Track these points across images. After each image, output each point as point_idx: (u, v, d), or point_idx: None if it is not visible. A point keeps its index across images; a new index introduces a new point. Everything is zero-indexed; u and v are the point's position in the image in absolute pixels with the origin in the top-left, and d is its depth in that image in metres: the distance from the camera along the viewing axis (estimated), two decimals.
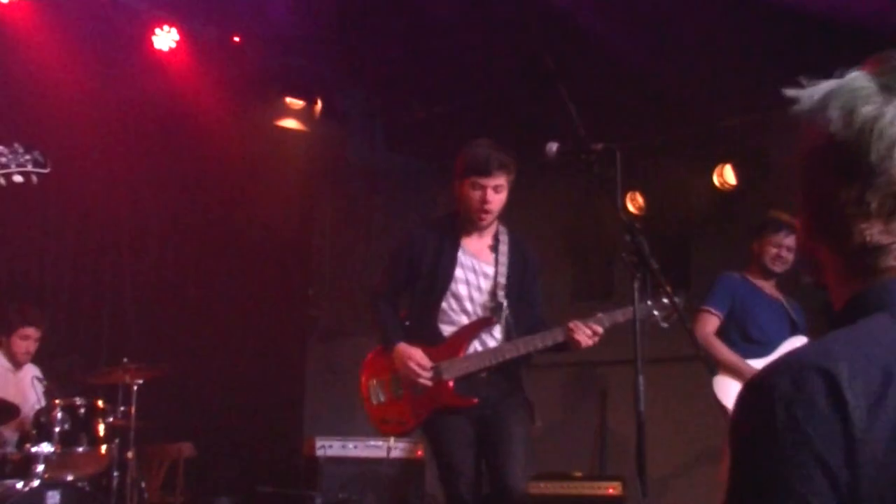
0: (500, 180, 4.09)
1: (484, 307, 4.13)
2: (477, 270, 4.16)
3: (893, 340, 1.06)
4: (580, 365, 7.54)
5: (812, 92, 1.19)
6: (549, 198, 7.69)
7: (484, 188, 4.08)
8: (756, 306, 5.18)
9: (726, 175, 7.04)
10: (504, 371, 4.11)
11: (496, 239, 4.23)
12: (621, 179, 3.47)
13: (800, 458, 1.00)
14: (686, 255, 7.57)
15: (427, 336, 4.15)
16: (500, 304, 4.10)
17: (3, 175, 3.90)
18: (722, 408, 4.92)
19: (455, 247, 4.17)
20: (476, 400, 4.04)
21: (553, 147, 3.64)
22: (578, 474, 6.58)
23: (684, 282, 7.09)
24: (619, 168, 3.45)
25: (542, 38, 6.42)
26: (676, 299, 3.66)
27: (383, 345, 4.28)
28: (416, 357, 4.09)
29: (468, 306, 4.13)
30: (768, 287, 5.30)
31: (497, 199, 4.12)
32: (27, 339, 5.76)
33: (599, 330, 3.97)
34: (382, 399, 4.29)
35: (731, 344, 5.14)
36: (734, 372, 4.97)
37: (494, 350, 4.09)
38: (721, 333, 5.20)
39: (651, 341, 3.39)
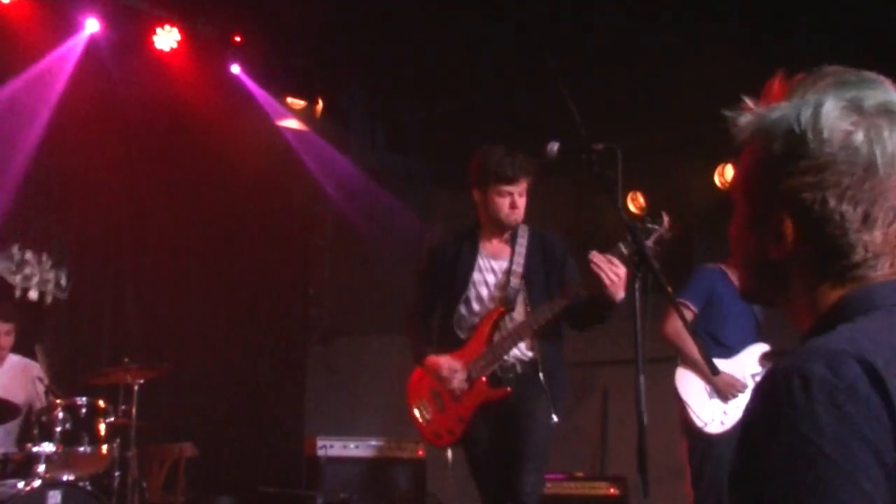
0: (525, 184, 4.18)
1: (499, 301, 4.18)
2: (495, 269, 4.23)
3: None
4: (582, 365, 7.54)
5: (767, 113, 1.21)
6: (549, 197, 7.67)
7: (511, 195, 4.16)
8: (730, 307, 5.12)
9: (728, 175, 7.04)
10: (529, 372, 4.13)
11: (514, 234, 4.27)
12: (622, 179, 3.47)
13: (846, 439, 1.00)
14: (687, 254, 7.56)
15: (451, 342, 4.23)
16: (515, 290, 4.15)
17: (22, 289, 3.83)
18: (680, 399, 4.96)
19: (474, 253, 4.25)
20: (510, 389, 4.09)
21: (554, 147, 3.63)
22: (580, 474, 6.59)
23: (686, 282, 7.09)
24: (620, 168, 3.45)
25: (544, 37, 6.42)
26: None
27: (416, 363, 4.37)
28: (443, 364, 4.16)
29: (487, 306, 4.19)
30: None
31: (523, 202, 4.21)
32: None
33: (616, 261, 3.80)
34: (429, 417, 4.31)
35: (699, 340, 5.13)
36: (697, 370, 4.97)
37: (512, 331, 4.11)
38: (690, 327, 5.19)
39: (652, 341, 3.39)
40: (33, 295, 3.82)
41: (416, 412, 4.35)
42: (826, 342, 1.08)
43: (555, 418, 4.11)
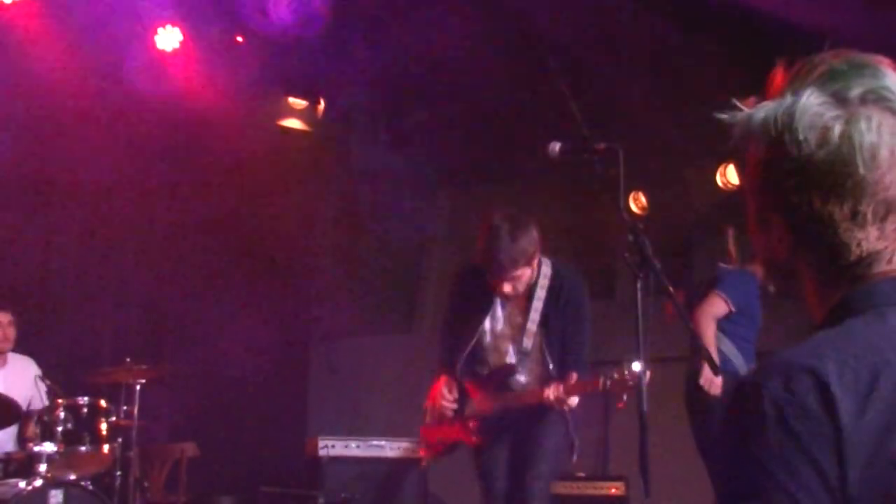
0: (518, 273, 4.04)
1: (510, 355, 4.20)
2: (510, 321, 4.21)
3: (881, 339, 1.07)
4: None
5: (753, 114, 1.19)
6: (551, 197, 7.68)
7: (500, 283, 4.06)
8: (758, 314, 5.20)
9: (729, 175, 7.03)
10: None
11: (535, 281, 4.16)
12: (624, 179, 3.46)
13: (790, 457, 1.01)
14: (689, 255, 7.56)
15: (467, 374, 4.31)
16: (525, 351, 4.15)
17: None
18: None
19: (491, 299, 4.19)
20: (477, 441, 4.20)
21: (556, 147, 3.63)
22: (581, 474, 6.58)
23: (687, 282, 7.09)
24: (621, 168, 3.45)
25: (545, 37, 6.42)
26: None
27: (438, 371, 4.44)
28: (442, 386, 4.26)
29: (492, 358, 4.23)
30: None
31: (519, 285, 4.08)
32: None
33: (567, 398, 3.96)
34: (430, 422, 4.42)
35: (737, 338, 5.15)
36: (707, 361, 4.97)
37: (507, 396, 4.19)
38: (726, 325, 5.22)
39: (655, 341, 3.39)
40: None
41: (427, 412, 4.43)
42: (790, 354, 1.08)
43: (576, 451, 4.21)
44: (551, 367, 4.10)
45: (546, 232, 4.23)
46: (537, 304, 4.13)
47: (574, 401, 3.97)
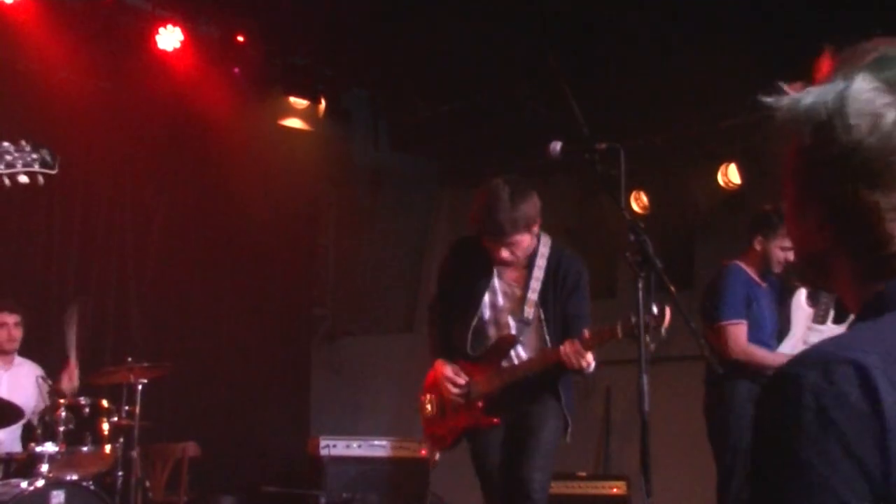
0: (517, 237, 3.96)
1: (511, 328, 4.12)
2: (508, 294, 4.13)
3: None
4: None
5: (801, 98, 1.16)
6: (552, 197, 7.67)
7: (499, 248, 3.98)
8: (760, 307, 5.08)
9: (730, 174, 7.02)
10: (540, 381, 4.09)
11: (533, 255, 4.11)
12: (625, 178, 3.46)
13: (830, 449, 0.99)
14: (690, 254, 7.56)
15: (465, 353, 4.20)
16: (527, 321, 4.07)
17: (9, 175, 3.79)
18: None
19: (489, 276, 4.12)
20: (497, 420, 4.08)
21: (557, 146, 3.63)
22: (583, 474, 6.58)
23: (688, 281, 7.09)
24: (622, 167, 3.44)
25: (546, 37, 6.41)
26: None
27: (431, 355, 4.30)
28: (448, 373, 4.12)
29: (500, 329, 4.13)
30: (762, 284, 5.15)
31: (518, 251, 4.00)
32: (4, 325, 5.75)
33: (585, 353, 3.84)
34: (432, 415, 4.30)
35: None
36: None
37: (510, 368, 4.10)
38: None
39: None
40: (22, 179, 3.75)
41: (424, 405, 4.32)
42: (829, 345, 1.06)
43: (568, 440, 4.16)
44: (549, 341, 4.04)
45: (548, 231, 4.22)
46: (538, 274, 4.06)
47: (590, 358, 3.83)
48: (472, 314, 4.12)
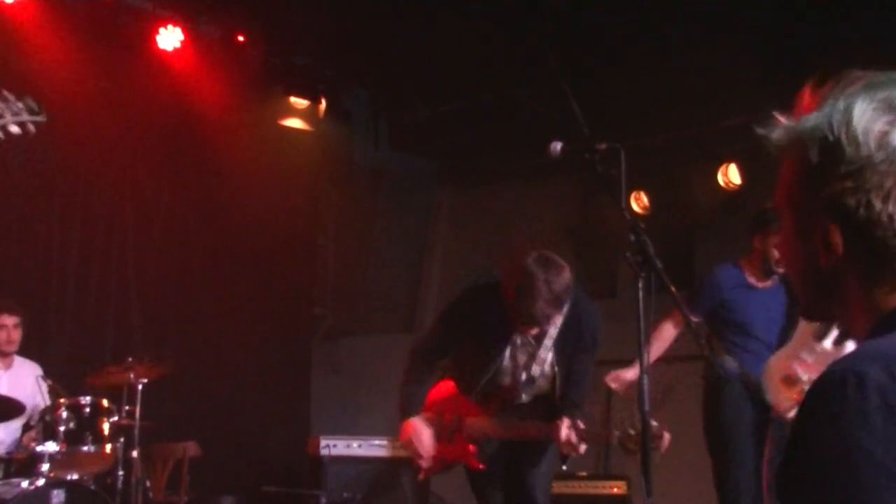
0: (553, 319, 3.94)
1: (520, 382, 4.10)
2: (528, 350, 4.08)
3: None
4: None
5: (801, 122, 1.20)
6: (553, 197, 7.69)
7: (530, 328, 3.97)
8: (753, 312, 5.05)
9: (730, 174, 7.03)
10: (541, 411, 4.11)
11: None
12: (626, 178, 3.46)
13: (894, 442, 1.01)
14: (690, 254, 7.56)
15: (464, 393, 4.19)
16: (533, 379, 4.06)
17: (0, 128, 3.73)
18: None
19: (509, 327, 4.02)
20: (483, 467, 4.09)
21: (557, 146, 3.62)
22: (583, 473, 6.58)
23: (688, 281, 7.09)
24: (623, 167, 3.44)
25: (547, 37, 6.42)
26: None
27: (400, 412, 4.17)
28: (424, 440, 4.07)
29: (504, 381, 4.10)
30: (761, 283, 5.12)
31: (548, 326, 3.98)
32: (4, 327, 5.75)
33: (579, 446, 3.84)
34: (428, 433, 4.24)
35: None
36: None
37: (509, 425, 4.09)
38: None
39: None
40: (14, 129, 3.69)
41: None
42: (883, 346, 1.09)
43: (564, 468, 4.17)
44: (558, 384, 4.05)
45: (547, 232, 4.21)
46: (552, 332, 4.02)
47: (583, 448, 3.84)
48: (489, 364, 4.05)
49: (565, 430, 3.80)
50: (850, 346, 3.55)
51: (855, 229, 1.17)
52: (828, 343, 4.73)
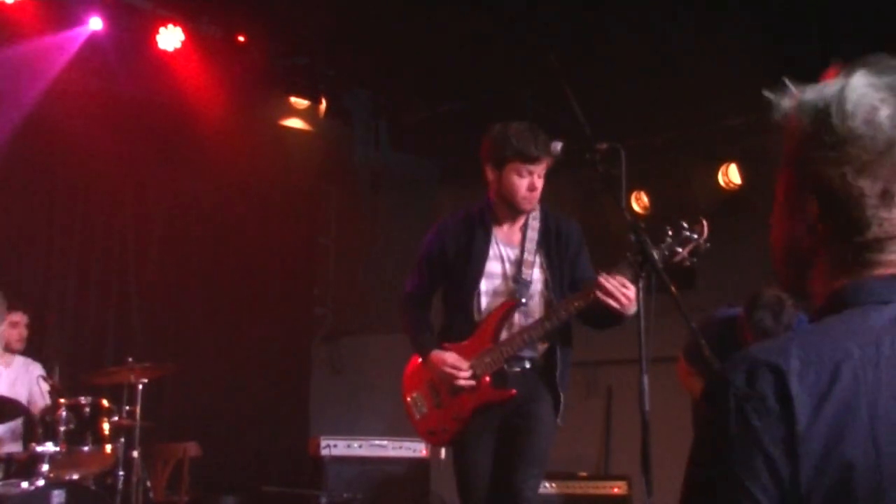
0: (545, 166, 3.87)
1: (510, 293, 3.93)
2: (508, 258, 3.96)
3: (850, 337, 1.10)
4: (585, 364, 7.53)
5: (804, 94, 1.22)
6: (553, 197, 7.67)
7: (531, 174, 3.86)
8: None
9: (731, 174, 7.03)
10: (538, 369, 3.94)
11: (527, 219, 3.99)
12: (626, 178, 3.46)
13: (746, 449, 1.05)
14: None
15: (462, 331, 3.97)
16: (527, 282, 3.90)
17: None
18: None
19: (487, 239, 3.96)
20: (514, 391, 3.87)
21: (558, 146, 3.62)
22: (584, 474, 6.58)
23: (688, 281, 7.08)
24: (623, 167, 3.45)
25: (546, 37, 6.41)
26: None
27: (418, 355, 4.07)
28: (450, 360, 3.90)
29: (499, 299, 3.93)
30: None
31: (541, 185, 3.90)
32: (16, 325, 5.78)
33: (626, 282, 3.65)
34: (425, 411, 4.07)
35: None
36: None
37: (524, 329, 3.87)
38: None
39: (656, 340, 3.38)
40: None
41: (412, 405, 4.11)
42: (758, 350, 1.12)
43: (559, 421, 3.95)
44: (554, 301, 3.88)
45: None
46: (532, 235, 3.94)
47: (633, 294, 3.58)
48: (473, 284, 3.93)
49: (603, 280, 3.63)
50: None
51: (830, 201, 1.19)
52: None
